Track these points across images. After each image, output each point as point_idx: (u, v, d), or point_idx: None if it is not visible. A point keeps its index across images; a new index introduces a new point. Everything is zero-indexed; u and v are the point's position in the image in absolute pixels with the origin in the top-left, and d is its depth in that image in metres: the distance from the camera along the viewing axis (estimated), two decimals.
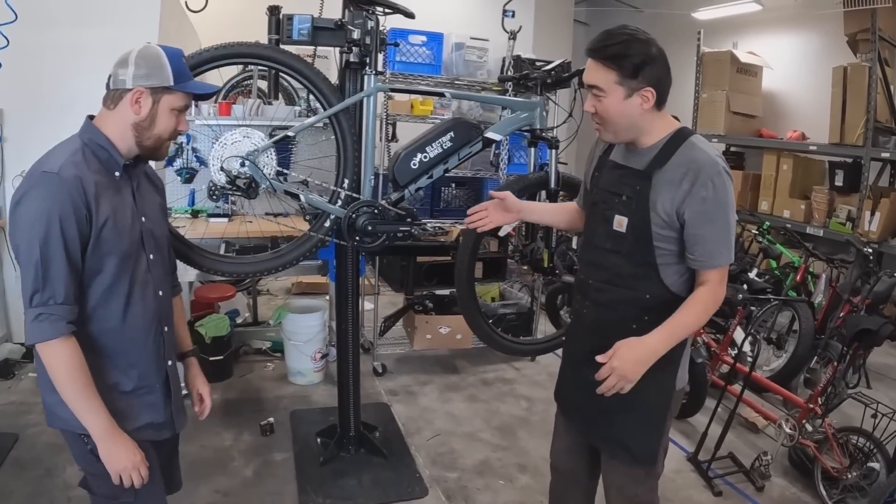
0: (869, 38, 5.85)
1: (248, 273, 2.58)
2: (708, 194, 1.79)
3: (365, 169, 2.60)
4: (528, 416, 4.21)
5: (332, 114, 2.50)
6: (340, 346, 3.35)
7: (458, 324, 4.62)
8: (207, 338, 4.26)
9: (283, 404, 4.15)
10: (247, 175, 2.44)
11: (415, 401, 4.33)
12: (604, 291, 2.00)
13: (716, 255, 1.84)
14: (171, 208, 4.46)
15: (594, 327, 2.04)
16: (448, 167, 2.66)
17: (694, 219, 1.82)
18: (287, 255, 2.57)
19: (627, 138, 1.92)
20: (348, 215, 2.51)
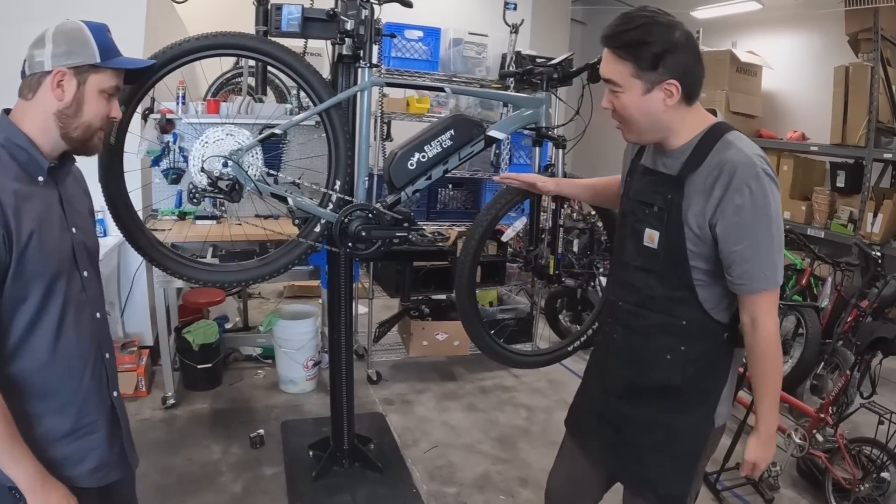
0: (870, 37, 5.71)
1: (232, 282, 2.36)
2: (744, 202, 1.52)
3: (359, 170, 2.38)
4: (528, 427, 4.01)
5: (323, 110, 2.28)
6: (333, 356, 3.14)
7: (455, 330, 4.42)
8: (195, 345, 4.05)
9: (274, 414, 3.94)
10: (229, 176, 2.22)
11: (411, 410, 4.12)
12: (636, 316, 1.77)
13: (758, 277, 1.57)
14: (158, 210, 4.25)
15: (627, 358, 1.82)
16: (448, 168, 2.45)
17: (728, 232, 1.56)
18: (274, 262, 2.36)
19: (653, 139, 1.68)
20: (340, 220, 2.30)
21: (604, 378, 1.92)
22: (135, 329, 4.42)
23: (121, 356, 4.00)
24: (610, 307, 1.91)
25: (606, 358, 1.90)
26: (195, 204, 2.24)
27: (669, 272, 1.66)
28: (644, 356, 1.76)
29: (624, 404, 1.82)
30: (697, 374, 1.71)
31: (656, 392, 1.75)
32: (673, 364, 1.70)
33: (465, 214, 4.52)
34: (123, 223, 2.21)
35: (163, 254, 2.29)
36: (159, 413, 3.86)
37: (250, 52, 2.21)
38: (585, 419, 1.99)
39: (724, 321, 1.69)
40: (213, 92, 4.83)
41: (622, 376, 1.82)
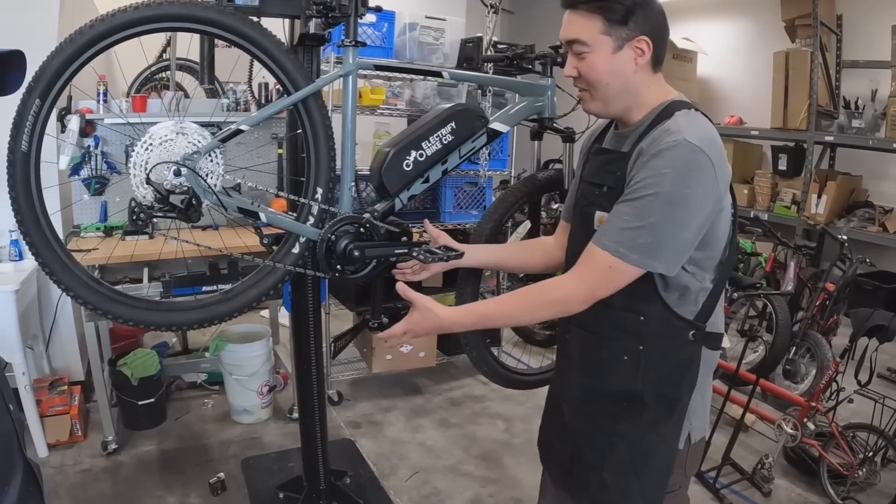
0: (807, 23, 5.67)
1: (186, 324, 1.78)
2: (648, 165, 1.35)
3: (344, 174, 1.86)
4: (509, 440, 3.60)
5: (301, 99, 1.75)
6: (302, 390, 2.63)
7: (420, 340, 3.94)
8: (134, 379, 3.42)
9: (231, 450, 3.38)
10: (184, 188, 1.67)
11: (381, 432, 3.63)
12: (590, 313, 1.47)
13: (609, 233, 1.39)
14: (80, 226, 3.58)
15: (582, 363, 1.59)
16: (447, 168, 1.99)
17: (627, 185, 1.40)
18: (242, 294, 1.81)
19: (619, 108, 1.48)
20: (326, 237, 1.78)
21: (560, 389, 1.70)
22: (63, 363, 3.77)
23: (49, 398, 3.40)
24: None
25: (562, 363, 1.69)
26: (140, 227, 1.68)
27: None
28: (600, 359, 1.54)
29: (581, 418, 1.59)
30: (660, 379, 1.49)
31: (616, 402, 1.53)
32: (630, 367, 1.48)
33: (424, 215, 4.03)
34: (37, 249, 1.64)
35: (94, 291, 1.71)
36: (100, 461, 3.26)
37: (207, 26, 1.65)
38: (548, 440, 1.76)
39: (689, 317, 1.46)
40: (136, 88, 4.16)
41: (577, 384, 1.60)
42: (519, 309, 1.48)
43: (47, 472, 3.18)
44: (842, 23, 5.93)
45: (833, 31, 5.87)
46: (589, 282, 1.40)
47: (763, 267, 5.02)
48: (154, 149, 1.70)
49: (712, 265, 1.45)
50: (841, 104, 5.76)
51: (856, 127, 5.46)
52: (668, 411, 1.50)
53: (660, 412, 1.49)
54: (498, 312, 1.52)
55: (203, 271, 2.72)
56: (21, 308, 3.14)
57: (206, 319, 1.79)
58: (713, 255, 1.43)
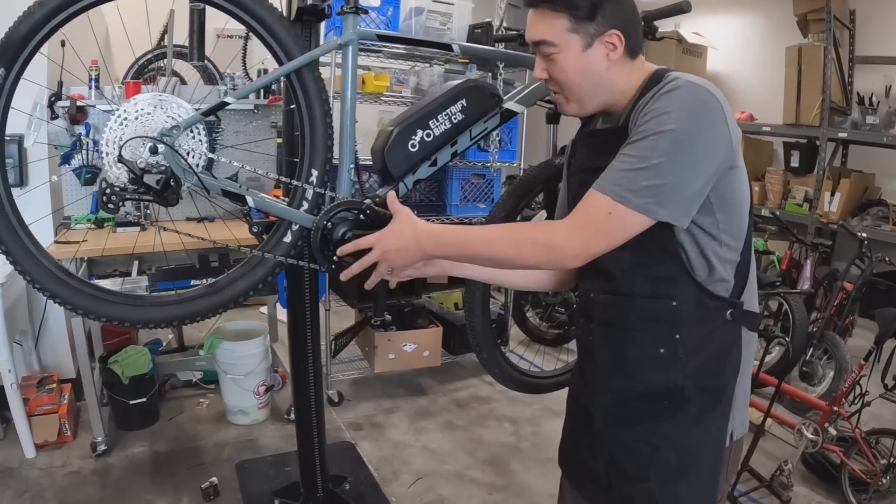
0: (820, 18, 5.42)
1: (166, 321, 1.55)
2: (650, 109, 1.19)
3: (342, 155, 1.63)
4: (517, 443, 3.37)
5: (294, 70, 1.53)
6: (299, 391, 2.40)
7: (424, 339, 3.73)
8: (125, 378, 3.20)
9: (225, 453, 3.15)
10: (162, 168, 1.44)
11: (383, 435, 3.40)
12: (614, 306, 1.35)
13: (609, 176, 1.21)
14: (70, 217, 3.36)
15: (611, 363, 1.38)
16: (457, 150, 1.76)
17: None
18: (228, 287, 1.58)
19: (598, 104, 1.34)
20: (321, 224, 1.54)
21: (586, 395, 1.47)
22: (53, 360, 3.57)
23: (37, 396, 3.19)
24: (581, 303, 1.48)
25: (585, 369, 1.47)
26: (111, 211, 1.47)
27: (645, 240, 1.23)
28: (631, 356, 1.35)
29: (615, 425, 1.39)
30: (701, 368, 1.30)
31: (654, 401, 1.33)
32: (668, 360, 1.30)
33: (429, 208, 3.79)
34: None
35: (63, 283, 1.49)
36: (89, 462, 3.05)
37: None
38: (577, 454, 1.51)
39: (724, 294, 1.29)
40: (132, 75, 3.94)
41: (608, 388, 1.40)
42: (503, 240, 1.27)
43: (34, 473, 2.98)
44: (854, 18, 5.72)
45: (846, 25, 5.65)
46: (584, 231, 1.21)
47: (776, 266, 4.79)
48: (129, 123, 1.48)
49: (737, 233, 1.28)
50: (854, 100, 5.53)
51: (870, 123, 5.23)
52: (714, 402, 1.32)
53: (704, 404, 1.31)
54: (480, 239, 1.30)
55: (192, 264, 2.49)
56: (7, 302, 2.94)
57: (188, 316, 1.56)
58: (736, 219, 1.27)
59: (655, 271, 1.28)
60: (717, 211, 1.23)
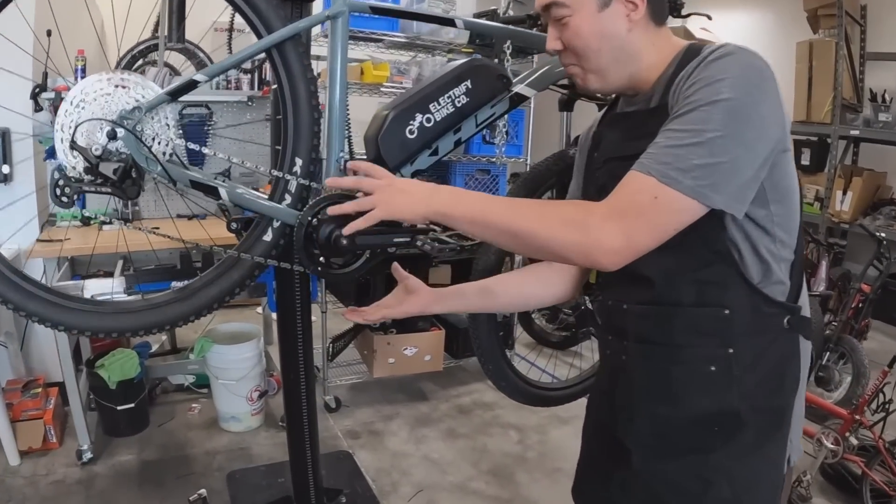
0: (830, 13, 5.20)
1: (132, 329, 1.34)
2: (697, 78, 1.01)
3: (331, 142, 1.42)
4: (522, 453, 3.16)
5: (275, 44, 1.31)
6: (290, 401, 2.19)
7: (426, 343, 3.51)
8: (111, 382, 2.99)
9: (216, 462, 2.94)
10: (121, 155, 1.23)
11: (382, 443, 3.19)
12: (655, 319, 1.14)
13: (654, 154, 1.00)
14: (56, 215, 3.16)
15: (650, 387, 1.16)
16: (461, 138, 1.55)
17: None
18: (201, 292, 1.36)
19: (622, 76, 1.15)
20: (305, 221, 1.33)
21: (619, 426, 1.23)
22: (39, 363, 3.37)
23: (22, 401, 2.99)
24: (609, 316, 1.25)
25: (615, 394, 1.23)
26: (65, 204, 1.25)
27: (691, 238, 1.03)
28: (676, 377, 1.13)
29: (658, 460, 1.16)
30: (759, 386, 1.10)
31: (704, 428, 1.12)
32: (720, 379, 1.09)
33: None
34: None
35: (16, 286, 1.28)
36: (75, 471, 2.85)
37: None
38: (605, 496, 1.27)
39: (780, 299, 1.10)
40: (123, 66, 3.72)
41: (648, 416, 1.17)
42: (528, 210, 1.05)
43: (17, 482, 2.79)
44: (866, 13, 5.50)
45: (857, 21, 5.43)
46: (626, 218, 0.99)
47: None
48: (87, 105, 1.27)
49: (791, 227, 1.10)
50: (867, 97, 5.32)
51: (882, 121, 5.02)
52: (774, 424, 1.13)
53: (762, 428, 1.11)
54: (501, 204, 1.09)
55: (173, 264, 2.28)
56: None
57: (155, 324, 1.35)
58: (790, 211, 1.09)
59: (704, 275, 1.08)
60: (772, 201, 1.05)
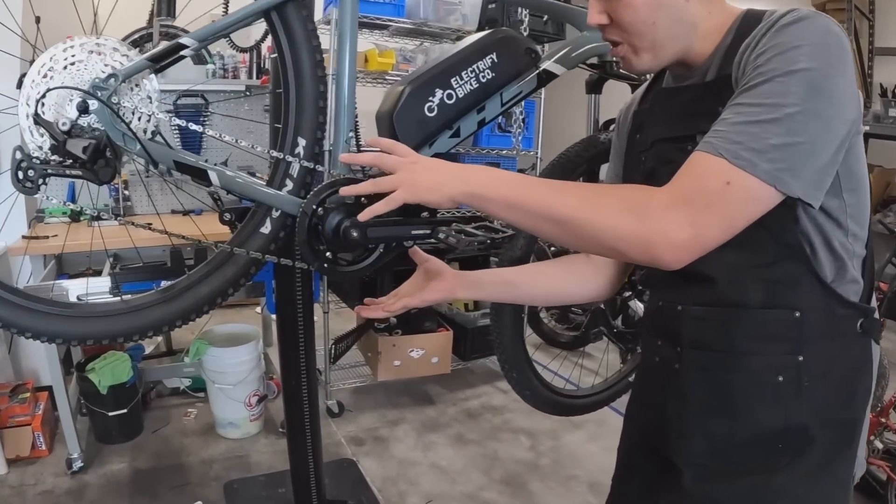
0: (839, 7, 5.01)
1: (109, 336, 1.13)
2: (769, 45, 0.85)
3: (338, 120, 1.21)
4: (535, 460, 2.95)
5: (274, 4, 1.11)
6: (290, 409, 1.98)
7: (432, 344, 3.31)
8: (102, 387, 2.78)
9: (213, 471, 2.74)
10: (94, 132, 1.03)
11: (387, 451, 2.98)
12: (714, 323, 0.98)
13: (723, 133, 0.84)
14: (44, 210, 2.95)
15: (708, 402, 1.01)
16: (485, 118, 1.34)
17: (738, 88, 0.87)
18: (189, 292, 1.15)
19: (676, 51, 0.98)
20: (310, 209, 1.12)
21: (668, 443, 1.08)
22: (28, 366, 3.17)
23: (9, 406, 2.79)
24: (660, 320, 1.09)
25: (666, 407, 1.07)
26: (28, 191, 1.04)
27: (759, 230, 0.88)
28: (738, 388, 0.98)
29: (714, 481, 1.01)
30: (829, 398, 0.96)
31: (768, 446, 0.97)
32: (788, 391, 0.95)
33: None
34: None
35: None
36: (64, 480, 2.65)
37: None
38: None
39: (854, 299, 0.96)
40: None
41: (704, 433, 1.02)
42: (579, 193, 0.88)
43: (4, 492, 2.59)
44: (874, 8, 5.31)
45: (866, 15, 5.24)
46: (694, 206, 0.82)
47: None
48: (55, 74, 1.07)
49: (863, 219, 0.96)
50: (877, 92, 5.13)
51: (892, 116, 4.83)
52: (844, 440, 0.99)
53: (831, 444, 0.97)
54: (546, 186, 0.91)
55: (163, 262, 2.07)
56: None
57: (136, 330, 1.14)
58: (862, 201, 0.94)
59: (772, 273, 0.93)
60: (845, 190, 0.91)
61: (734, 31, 0.95)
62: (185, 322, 1.15)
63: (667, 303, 1.06)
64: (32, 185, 1.05)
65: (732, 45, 0.93)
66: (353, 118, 1.22)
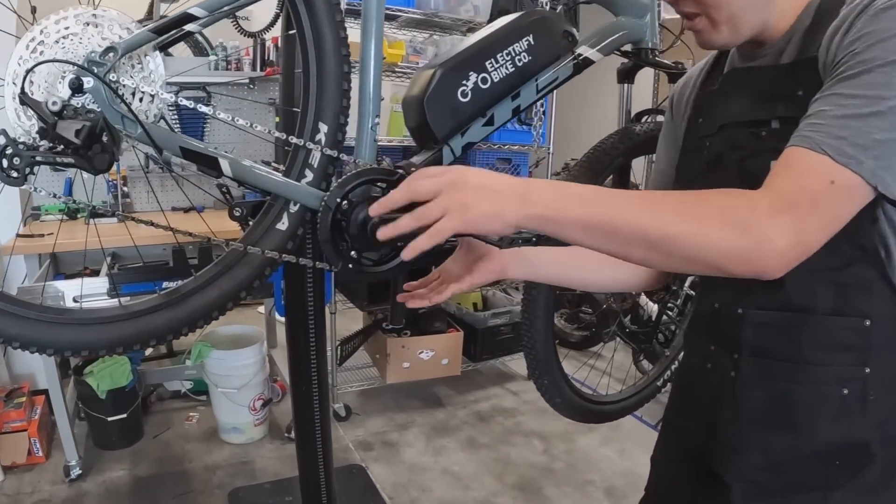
0: None
1: (105, 346, 0.99)
2: (862, 32, 0.75)
3: (363, 101, 1.07)
4: (549, 464, 2.83)
5: None
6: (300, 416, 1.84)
7: (442, 345, 3.17)
8: (101, 392, 2.64)
9: (216, 479, 2.61)
10: (89, 115, 0.89)
11: (397, 456, 2.85)
12: (780, 329, 0.88)
13: (824, 127, 0.73)
14: (40, 208, 2.81)
15: (768, 413, 0.91)
16: (520, 105, 1.20)
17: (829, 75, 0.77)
18: (196, 296, 1.00)
19: (754, 25, 0.88)
20: (333, 203, 0.98)
21: (713, 454, 0.99)
22: (25, 369, 3.03)
23: (5, 411, 2.66)
24: (717, 324, 0.98)
25: (717, 418, 0.97)
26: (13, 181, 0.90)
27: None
28: (800, 401, 0.88)
29: (765, 498, 0.93)
30: (891, 412, 0.87)
31: (826, 462, 0.89)
32: (854, 403, 0.86)
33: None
34: None
35: None
36: (62, 489, 2.52)
37: None
38: None
39: None
40: None
41: (758, 446, 0.93)
42: (674, 209, 0.74)
43: (0, 501, 2.44)
44: None
45: None
46: (798, 209, 0.72)
47: None
48: (46, 49, 0.93)
49: None
50: None
51: None
52: None
53: (892, 461, 0.88)
54: (635, 204, 0.75)
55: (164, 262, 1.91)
56: None
57: (136, 339, 1.00)
58: None
59: (845, 276, 0.84)
60: None
61: (814, 11, 0.86)
62: (192, 329, 1.01)
63: (725, 305, 0.96)
64: (18, 175, 0.91)
65: (814, 26, 0.85)
66: (378, 102, 1.08)
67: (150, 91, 0.93)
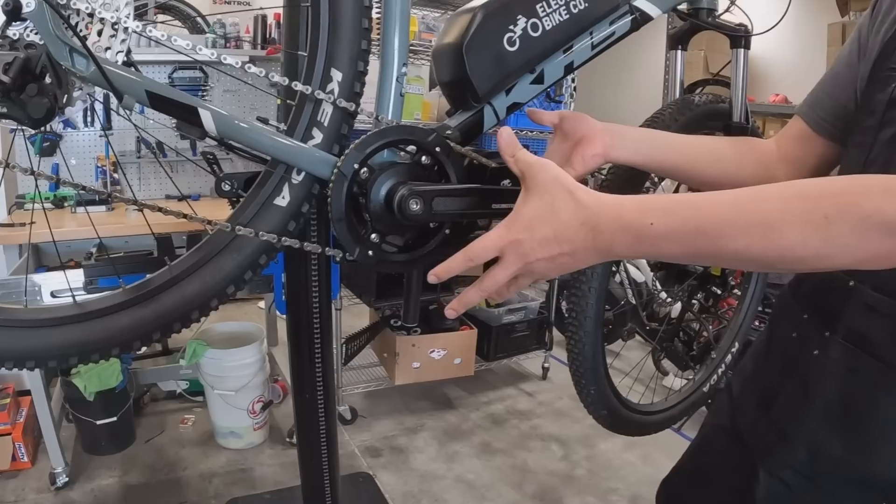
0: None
1: (55, 354, 0.76)
2: None
3: (389, 48, 0.83)
4: (569, 471, 2.60)
5: None
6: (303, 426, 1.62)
7: (456, 344, 2.93)
8: (89, 394, 2.40)
9: (212, 487, 2.38)
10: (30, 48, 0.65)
11: (407, 462, 2.61)
12: (886, 319, 0.72)
13: None
14: (24, 196, 2.58)
15: (838, 406, 0.75)
16: (573, 63, 0.98)
17: None
18: (173, 291, 0.77)
19: None
20: (349, 170, 0.74)
21: (756, 434, 0.87)
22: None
23: None
24: (819, 291, 0.83)
25: (778, 394, 0.84)
26: None
27: None
28: (880, 411, 0.73)
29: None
30: None
31: (870, 496, 0.74)
32: None
33: None
34: None
35: None
36: (47, 497, 2.30)
37: None
38: None
39: None
40: None
41: (808, 443, 0.78)
42: (804, 230, 0.54)
43: None
44: None
45: None
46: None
47: None
48: None
49: None
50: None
51: None
52: None
53: None
54: (743, 219, 0.56)
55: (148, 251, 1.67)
56: None
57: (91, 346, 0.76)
58: None
59: None
60: None
61: None
62: (165, 334, 0.77)
63: (834, 274, 0.78)
64: None
65: None
66: (406, 46, 0.84)
67: (112, 18, 0.69)
